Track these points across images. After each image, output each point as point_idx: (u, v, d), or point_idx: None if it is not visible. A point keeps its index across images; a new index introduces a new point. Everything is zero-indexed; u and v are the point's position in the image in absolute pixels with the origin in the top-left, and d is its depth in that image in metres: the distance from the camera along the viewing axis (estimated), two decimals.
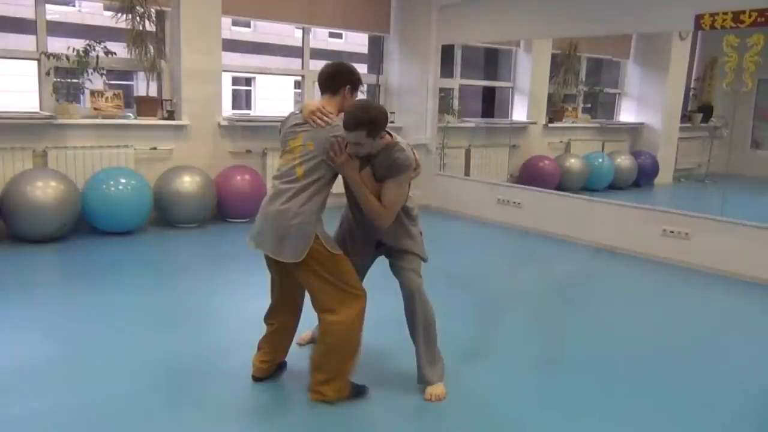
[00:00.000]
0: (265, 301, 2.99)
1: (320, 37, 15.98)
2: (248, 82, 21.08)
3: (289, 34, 18.54)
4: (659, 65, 8.83)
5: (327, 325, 2.71)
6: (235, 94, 20.44)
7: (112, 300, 4.00)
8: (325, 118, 2.69)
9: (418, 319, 2.86)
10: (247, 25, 18.90)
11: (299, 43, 7.51)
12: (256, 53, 18.07)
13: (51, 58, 5.58)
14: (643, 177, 8.89)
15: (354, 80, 2.81)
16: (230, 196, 6.15)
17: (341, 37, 19.73)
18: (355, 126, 2.57)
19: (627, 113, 9.30)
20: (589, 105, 9.41)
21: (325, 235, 2.70)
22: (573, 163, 8.45)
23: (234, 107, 19.40)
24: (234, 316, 3.86)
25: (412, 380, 2.91)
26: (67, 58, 5.61)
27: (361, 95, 2.90)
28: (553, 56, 8.59)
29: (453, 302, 4.14)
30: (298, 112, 2.82)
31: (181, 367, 3.08)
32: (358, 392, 2.81)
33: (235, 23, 16.66)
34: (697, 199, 8.22)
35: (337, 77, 2.79)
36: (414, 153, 2.82)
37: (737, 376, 3.25)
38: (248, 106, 20.62)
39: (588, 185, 8.38)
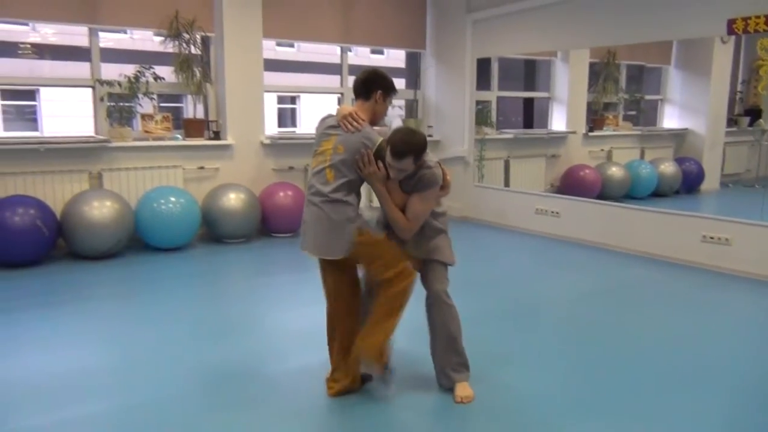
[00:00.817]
0: (310, 310, 3.12)
1: (362, 54, 16.19)
2: (293, 100, 21.57)
3: (332, 52, 18.91)
4: (702, 70, 8.72)
5: (382, 296, 2.83)
6: (281, 112, 20.93)
7: (165, 311, 4.23)
8: (355, 123, 2.81)
9: (436, 325, 2.96)
10: (291, 45, 19.38)
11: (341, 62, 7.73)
12: (299, 72, 18.50)
13: (104, 84, 5.93)
14: (688, 183, 8.76)
15: (386, 85, 2.91)
16: (274, 212, 6.37)
17: (383, 53, 19.99)
18: (404, 154, 2.71)
19: (670, 119, 9.19)
20: (631, 112, 9.35)
21: (364, 225, 2.83)
22: (614, 171, 8.40)
23: (280, 125, 19.87)
24: (280, 325, 4.04)
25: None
26: (119, 84, 5.95)
27: (398, 109, 3.05)
28: (592, 65, 8.58)
29: (492, 308, 4.24)
30: (335, 114, 2.95)
31: (229, 372, 3.25)
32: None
33: (279, 44, 17.14)
34: (743, 205, 8.06)
35: (370, 83, 2.90)
36: (444, 170, 2.92)
37: None
38: (293, 124, 21.09)
39: (630, 193, 8.31)
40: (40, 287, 4.75)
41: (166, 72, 6.28)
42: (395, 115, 7.95)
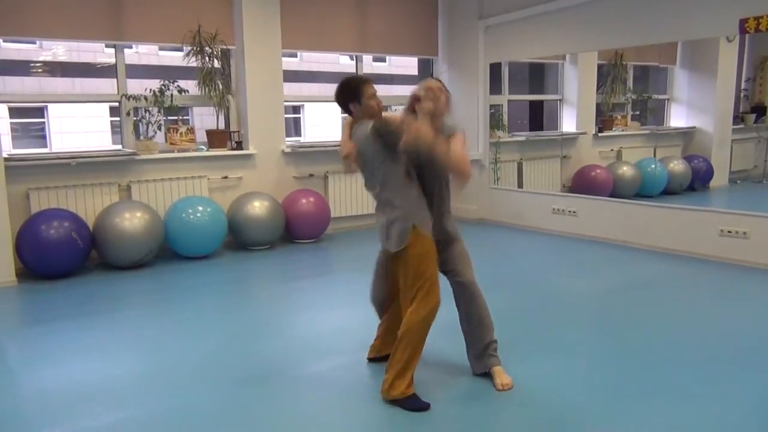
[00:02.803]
0: (336, 314, 3.27)
1: (365, 62, 16.54)
2: (296, 110, 21.70)
3: (333, 61, 19.11)
4: (707, 68, 8.86)
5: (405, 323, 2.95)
6: (285, 122, 21.03)
7: (196, 318, 4.36)
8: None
9: (473, 313, 3.14)
10: (294, 55, 19.56)
11: (345, 70, 7.87)
12: (302, 82, 18.68)
13: (131, 99, 6.07)
14: (698, 181, 8.88)
15: (350, 94, 2.97)
16: (297, 219, 6.51)
17: (385, 61, 20.19)
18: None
19: (677, 118, 9.32)
20: (638, 112, 9.49)
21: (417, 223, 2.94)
22: (625, 170, 8.54)
23: (286, 135, 20.00)
24: (309, 328, 4.14)
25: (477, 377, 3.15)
26: (145, 98, 6.09)
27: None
28: (600, 66, 8.73)
29: (518, 305, 4.36)
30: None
31: (259, 376, 3.34)
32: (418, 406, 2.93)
33: (282, 54, 17.27)
34: (754, 200, 8.18)
35: (340, 102, 3.02)
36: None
37: None
38: (297, 133, 21.22)
39: (641, 191, 8.44)
40: (76, 297, 4.88)
41: (188, 86, 6.43)
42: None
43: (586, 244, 6.46)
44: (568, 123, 8.71)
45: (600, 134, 8.83)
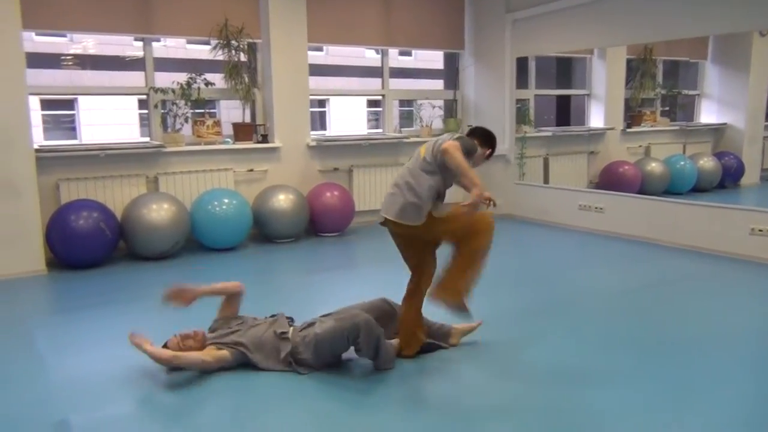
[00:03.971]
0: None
1: (391, 56, 16.56)
2: (321, 104, 21.78)
3: (359, 55, 19.12)
4: (739, 64, 8.70)
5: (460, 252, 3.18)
6: (310, 116, 21.11)
7: None
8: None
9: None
10: (320, 49, 19.62)
11: (370, 64, 7.87)
12: (328, 75, 18.75)
13: (158, 92, 6.14)
14: (728, 178, 8.75)
15: (487, 143, 3.47)
16: (321, 212, 6.53)
17: (411, 55, 20.14)
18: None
19: (708, 114, 9.18)
20: (668, 108, 9.36)
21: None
22: (654, 167, 8.43)
23: (311, 129, 20.07)
24: None
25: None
26: (173, 91, 6.16)
27: (437, 110, 3.36)
28: (628, 61, 8.62)
29: (543, 301, 4.33)
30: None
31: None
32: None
33: (308, 48, 17.34)
34: None
35: (480, 137, 3.47)
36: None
37: None
38: (323, 127, 21.30)
39: (670, 188, 8.34)
40: (104, 287, 4.95)
41: (215, 79, 6.48)
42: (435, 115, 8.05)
43: (612, 241, 6.39)
44: (596, 118, 8.62)
45: (628, 130, 8.73)
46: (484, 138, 3.42)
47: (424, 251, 3.36)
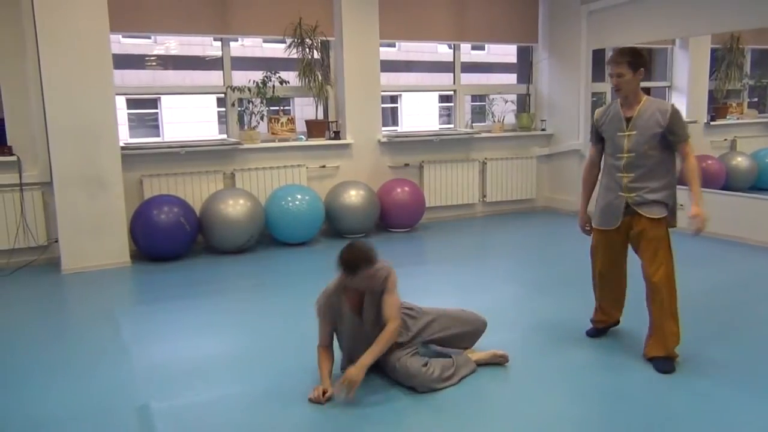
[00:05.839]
0: (434, 300, 3.40)
1: (463, 50, 16.48)
2: (393, 99, 21.85)
3: (432, 50, 19.05)
4: None
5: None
6: (382, 112, 21.22)
7: (293, 303, 4.48)
8: None
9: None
10: (392, 45, 19.70)
11: (442, 59, 7.84)
12: (399, 71, 18.77)
13: (235, 90, 6.33)
14: None
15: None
16: (392, 208, 6.57)
17: (484, 49, 19.91)
18: (357, 267, 3.03)
19: None
20: (756, 99, 8.87)
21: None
22: (740, 161, 8.01)
23: (382, 125, 20.19)
24: None
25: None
26: (249, 89, 6.33)
27: (510, 104, 3.10)
28: (713, 50, 8.22)
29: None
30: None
31: None
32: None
33: (381, 44, 17.45)
34: None
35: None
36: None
37: None
38: (395, 123, 21.36)
39: (758, 184, 7.90)
40: (183, 279, 5.17)
41: (289, 77, 6.62)
42: (507, 110, 7.94)
43: (694, 239, 6.10)
44: None
45: (712, 123, 8.33)
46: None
47: None
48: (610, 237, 3.41)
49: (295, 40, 6.43)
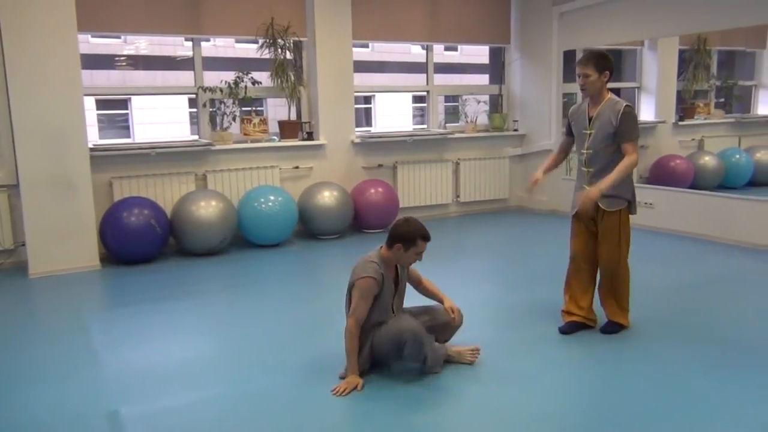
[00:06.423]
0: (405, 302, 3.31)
1: (436, 51, 16.56)
2: (367, 100, 21.84)
3: (405, 51, 19.08)
4: None
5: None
6: (356, 112, 21.20)
7: (267, 305, 4.46)
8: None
9: None
10: (365, 46, 19.68)
11: (416, 60, 7.86)
12: (373, 72, 18.77)
13: (207, 91, 6.27)
14: None
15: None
16: (365, 208, 6.56)
17: (457, 50, 20.01)
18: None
19: (766, 105, 8.86)
20: (723, 99, 9.05)
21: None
22: (707, 160, 8.18)
23: (356, 125, 20.18)
24: None
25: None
26: (221, 90, 6.27)
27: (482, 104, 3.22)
28: (681, 52, 8.37)
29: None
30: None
31: (328, 364, 3.33)
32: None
33: (354, 45, 17.45)
34: None
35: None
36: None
37: None
38: (368, 123, 21.35)
39: (725, 183, 8.07)
40: (155, 282, 5.09)
41: (262, 77, 6.57)
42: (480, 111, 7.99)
43: (663, 238, 6.23)
44: (647, 111, 8.39)
45: (680, 123, 8.49)
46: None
47: None
48: (582, 223, 3.74)
49: (267, 40, 6.39)
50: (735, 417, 2.73)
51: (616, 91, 9.14)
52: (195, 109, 6.60)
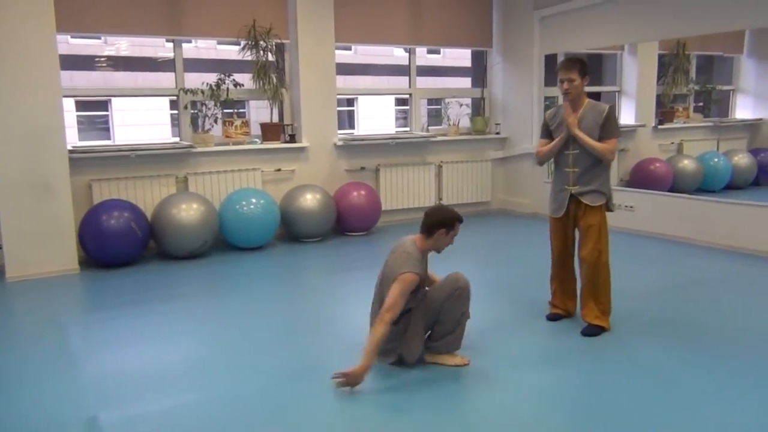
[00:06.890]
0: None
1: (419, 54, 16.61)
2: (350, 102, 21.83)
3: (388, 54, 19.10)
4: None
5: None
6: (339, 115, 21.17)
7: (249, 308, 4.44)
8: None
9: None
10: (348, 48, 19.67)
11: (399, 62, 7.88)
12: (356, 74, 18.77)
13: (188, 92, 6.22)
14: (764, 175, 8.52)
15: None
16: (348, 211, 6.55)
17: (439, 53, 20.07)
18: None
19: (743, 109, 8.96)
20: (701, 104, 9.16)
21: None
22: (686, 164, 8.26)
23: (338, 128, 20.14)
24: (360, 320, 4.15)
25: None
26: (202, 92, 6.23)
27: (465, 107, 3.30)
28: (660, 56, 8.46)
29: None
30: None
31: (310, 366, 3.36)
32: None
33: (337, 47, 17.42)
34: None
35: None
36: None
37: None
38: (351, 126, 21.34)
39: (703, 186, 8.16)
40: (135, 285, 5.04)
41: (244, 79, 6.54)
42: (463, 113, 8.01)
43: (643, 240, 6.29)
44: (627, 115, 8.47)
45: (660, 126, 8.57)
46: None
47: None
48: (561, 222, 3.93)
49: (249, 42, 6.36)
50: (718, 412, 2.76)
51: (597, 95, 9.25)
52: (176, 111, 6.55)
